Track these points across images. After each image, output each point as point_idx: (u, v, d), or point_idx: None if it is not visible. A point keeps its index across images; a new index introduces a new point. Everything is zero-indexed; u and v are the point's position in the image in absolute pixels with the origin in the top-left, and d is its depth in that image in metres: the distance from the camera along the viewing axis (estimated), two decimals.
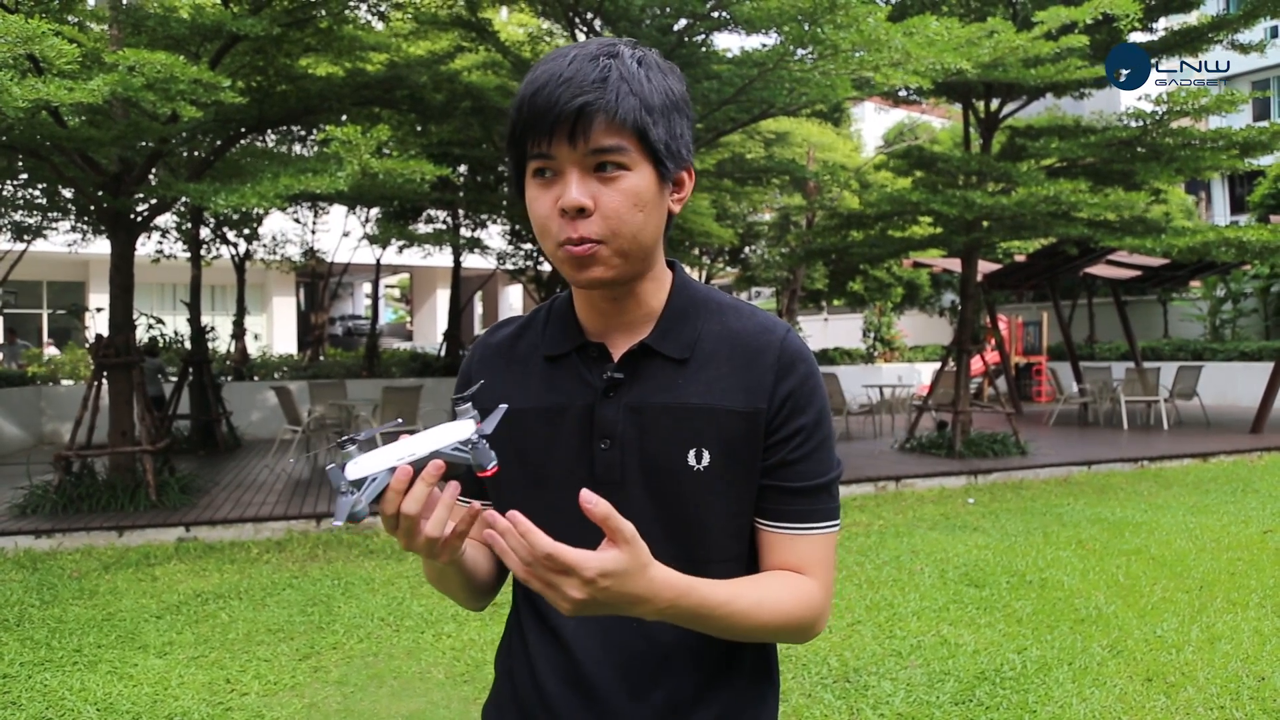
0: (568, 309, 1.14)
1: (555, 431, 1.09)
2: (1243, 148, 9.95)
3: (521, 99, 1.01)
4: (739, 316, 1.11)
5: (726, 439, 1.05)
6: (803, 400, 1.07)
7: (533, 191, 1.02)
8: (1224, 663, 4.22)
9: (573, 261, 1.01)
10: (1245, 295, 20.12)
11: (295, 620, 5.01)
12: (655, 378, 1.07)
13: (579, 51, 1.01)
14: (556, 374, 1.11)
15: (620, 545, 0.90)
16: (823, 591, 1.07)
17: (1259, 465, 10.32)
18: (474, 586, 1.14)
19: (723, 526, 1.07)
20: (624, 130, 0.98)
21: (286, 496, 8.14)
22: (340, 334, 32.32)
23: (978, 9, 9.85)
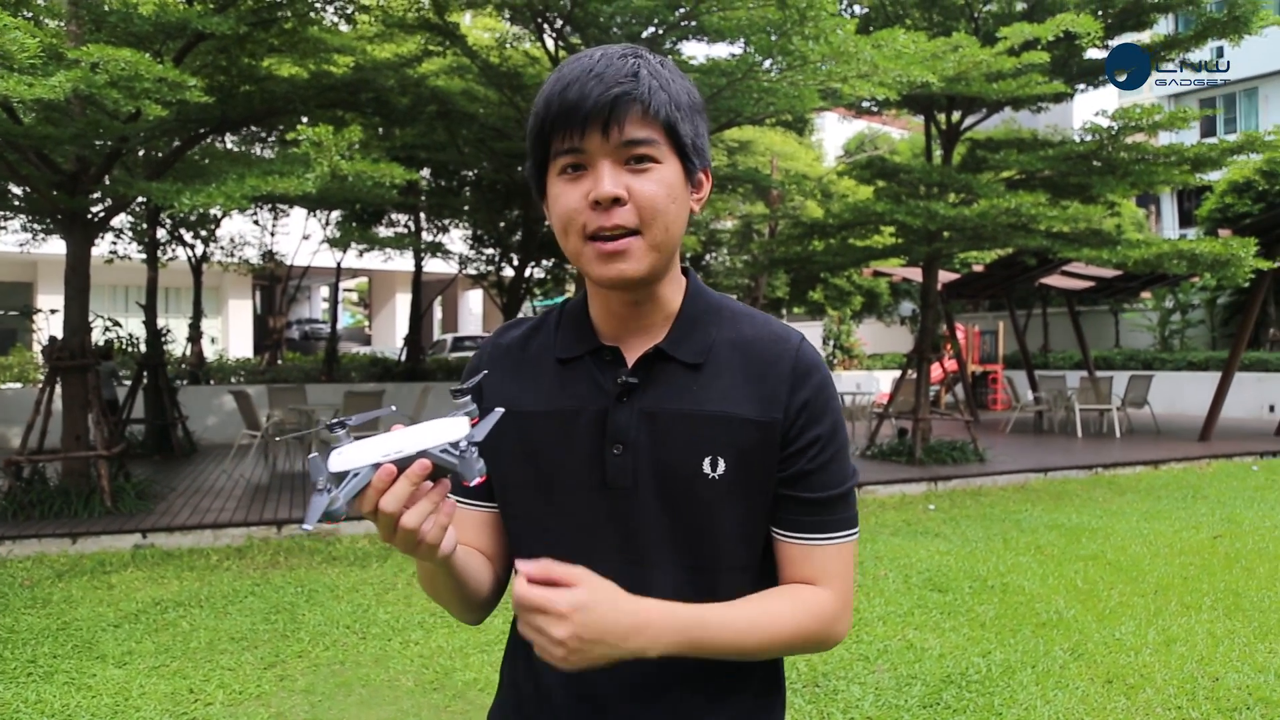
0: (581, 312, 1.14)
1: (567, 435, 1.08)
2: (1194, 163, 10.24)
3: (549, 95, 1.01)
4: (752, 324, 1.11)
5: (741, 447, 1.04)
6: (818, 410, 1.07)
7: (558, 188, 1.02)
8: (1180, 664, 4.33)
9: (602, 257, 1.01)
10: (1193, 306, 20.67)
11: (259, 628, 4.93)
12: (669, 383, 1.07)
13: (605, 52, 1.03)
14: (569, 377, 1.10)
15: (574, 583, 0.92)
16: (838, 600, 1.08)
17: (1207, 472, 10.60)
18: (468, 596, 1.10)
19: (734, 534, 1.06)
20: (655, 123, 0.99)
21: (246, 502, 8.01)
22: (297, 338, 31.87)
23: (940, 23, 10.03)
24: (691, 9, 6.82)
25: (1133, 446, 12.31)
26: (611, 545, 1.06)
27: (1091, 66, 10.82)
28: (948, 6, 10.04)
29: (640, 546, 1.06)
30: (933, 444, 10.84)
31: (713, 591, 1.05)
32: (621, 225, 0.99)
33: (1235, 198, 19.01)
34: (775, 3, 6.36)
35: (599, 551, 1.06)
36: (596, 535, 1.07)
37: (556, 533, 1.08)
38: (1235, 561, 6.33)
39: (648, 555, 1.06)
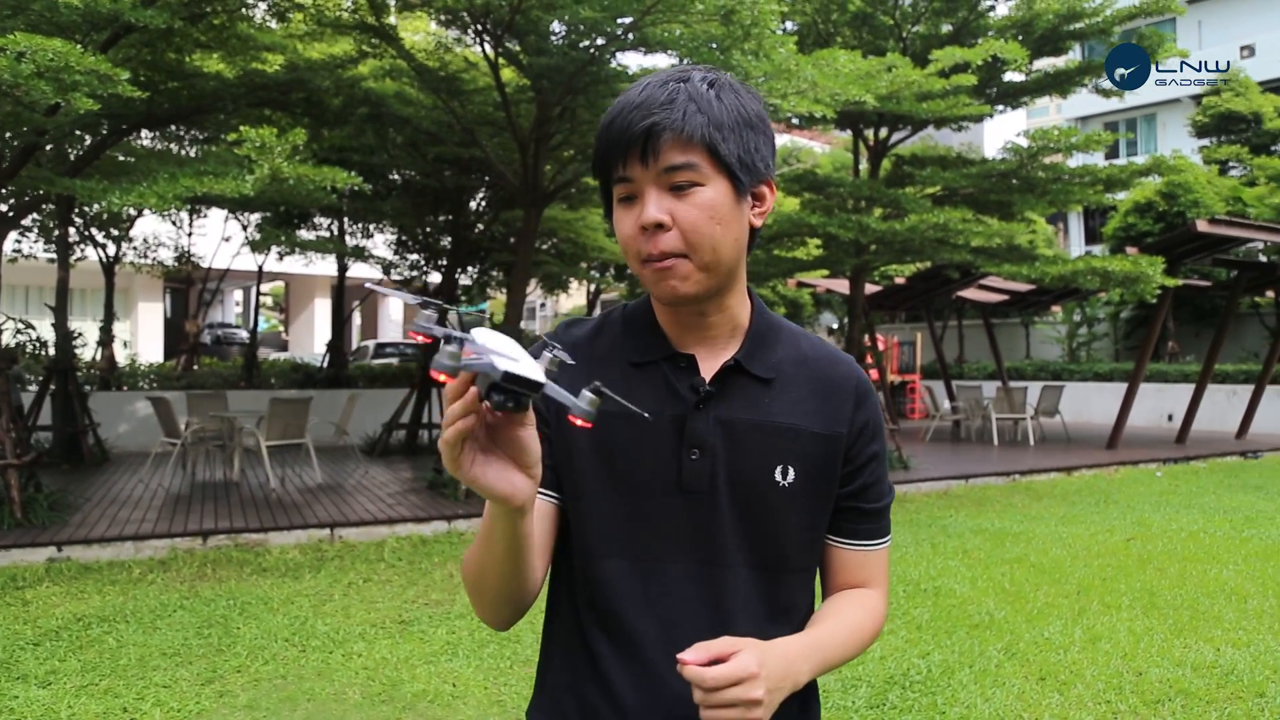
0: (649, 317, 1.17)
1: (641, 438, 1.10)
2: (1106, 183, 10.76)
3: (602, 128, 1.07)
4: (809, 342, 1.19)
5: (808, 458, 1.12)
6: (874, 428, 1.17)
7: (618, 215, 1.08)
8: (1106, 660, 4.54)
9: (656, 276, 1.05)
10: (1098, 320, 21.64)
11: (191, 643, 4.76)
12: (742, 395, 1.12)
13: (651, 80, 1.07)
14: (641, 380, 1.13)
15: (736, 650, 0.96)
16: (885, 599, 1.21)
17: (1116, 478, 11.11)
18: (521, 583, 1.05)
19: (799, 540, 1.14)
20: (693, 146, 1.02)
21: (168, 512, 7.73)
22: (209, 343, 30.82)
23: (870, 42, 10.31)
24: (636, 21, 6.87)
25: (1046, 454, 12.82)
26: (685, 546, 1.10)
27: (1010, 89, 11.28)
28: (878, 26, 10.34)
29: (714, 548, 1.10)
30: None
31: (777, 593, 1.13)
32: (668, 250, 1.03)
33: (1138, 217, 19.99)
34: (719, 18, 6.48)
35: (673, 552, 1.10)
36: (671, 536, 1.10)
37: (630, 532, 1.11)
38: (1148, 562, 6.65)
39: (722, 556, 1.10)
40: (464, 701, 4.02)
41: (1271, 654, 4.62)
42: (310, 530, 7.31)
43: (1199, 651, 4.66)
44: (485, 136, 9.77)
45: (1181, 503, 9.29)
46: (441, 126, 10.36)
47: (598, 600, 1.12)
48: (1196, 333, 20.49)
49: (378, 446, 12.67)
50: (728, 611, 1.10)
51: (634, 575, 1.10)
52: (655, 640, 1.09)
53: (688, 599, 1.10)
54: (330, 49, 10.91)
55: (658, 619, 1.09)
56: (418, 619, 5.24)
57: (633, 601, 1.10)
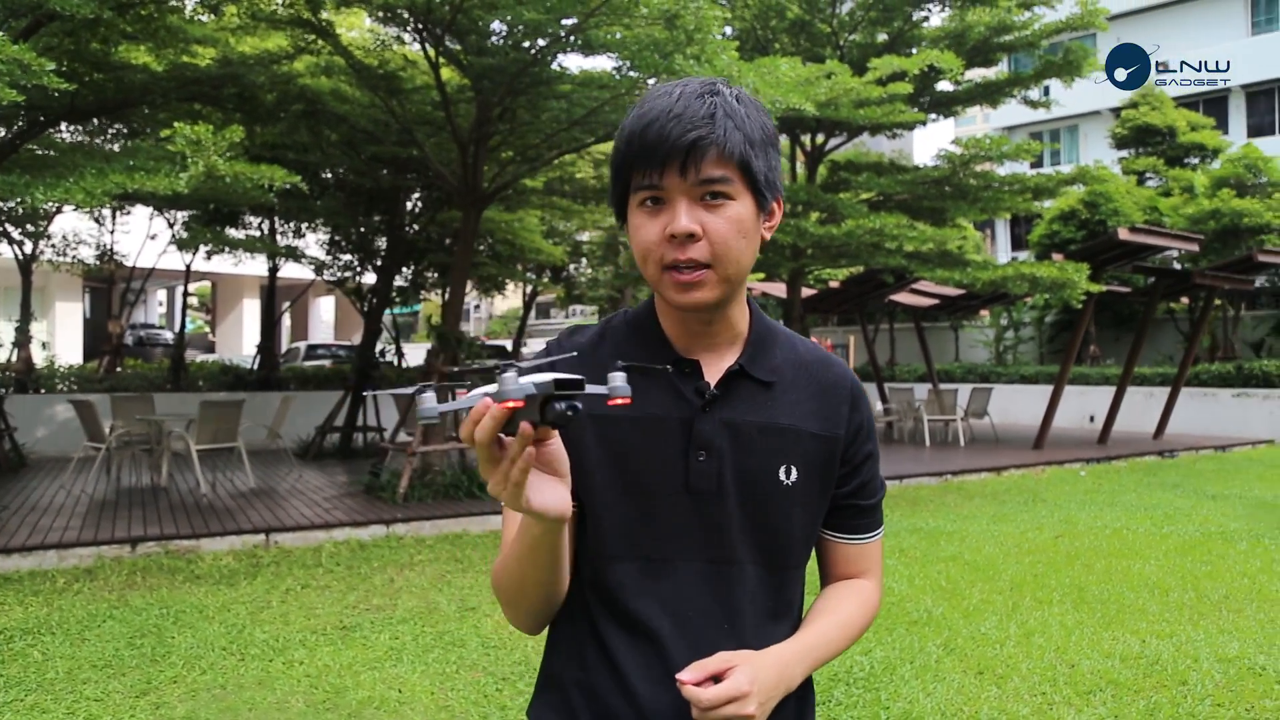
0: (653, 323, 1.20)
1: (649, 440, 1.14)
2: (1035, 191, 11.12)
3: (631, 133, 1.08)
4: (806, 347, 1.25)
5: (809, 458, 1.17)
6: (868, 429, 1.24)
7: (638, 219, 1.10)
8: (1040, 654, 4.68)
9: (679, 286, 1.08)
10: (1024, 324, 22.32)
11: (123, 654, 4.60)
12: (746, 398, 1.16)
13: (684, 89, 1.09)
14: (648, 386, 1.15)
15: (731, 666, 1.04)
16: (879, 587, 1.29)
17: (1043, 478, 11.47)
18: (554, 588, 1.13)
19: (801, 536, 1.19)
20: (730, 162, 1.06)
21: (93, 520, 7.45)
22: (131, 344, 29.82)
23: (808, 49, 10.48)
24: (580, 23, 6.86)
25: (976, 454, 13.16)
26: (695, 545, 1.14)
27: (943, 98, 11.57)
28: (815, 34, 10.52)
29: (722, 546, 1.14)
30: None
31: (780, 588, 1.19)
32: (695, 259, 1.07)
33: (1062, 224, 20.67)
34: (663, 23, 6.51)
35: (683, 551, 1.14)
36: (680, 536, 1.14)
37: (642, 533, 1.14)
38: (1076, 559, 6.88)
39: (730, 554, 1.15)
40: (411, 708, 3.97)
41: (1192, 644, 4.82)
42: (244, 536, 7.13)
43: (1126, 643, 4.84)
44: (423, 136, 9.65)
45: (1105, 501, 9.63)
46: (378, 125, 10.21)
47: (613, 598, 1.14)
48: (1116, 337, 21.28)
49: (311, 450, 12.41)
50: (736, 607, 1.14)
51: (646, 574, 1.13)
52: (670, 635, 1.12)
53: (699, 596, 1.14)
54: (263, 44, 10.67)
55: (671, 616, 1.13)
56: (359, 625, 5.15)
57: (646, 600, 1.13)
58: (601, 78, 8.13)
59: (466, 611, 5.42)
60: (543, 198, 15.12)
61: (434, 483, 8.76)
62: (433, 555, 6.92)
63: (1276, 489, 10.45)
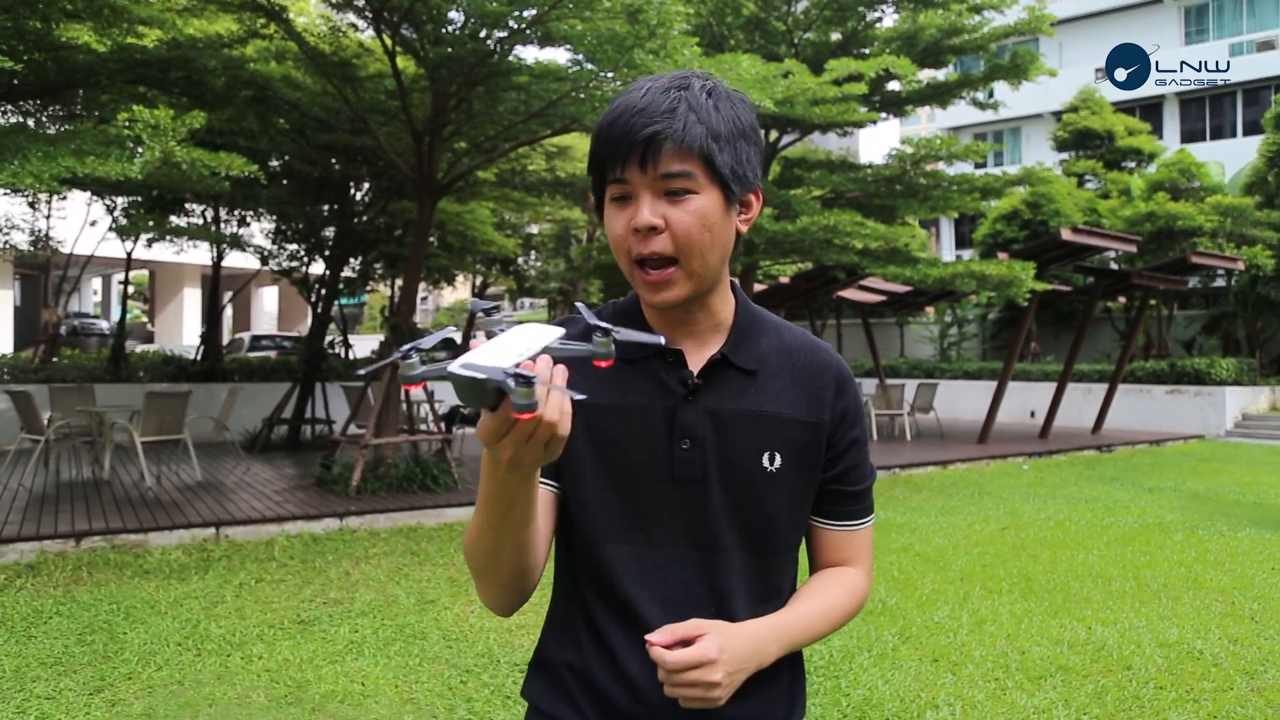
0: (636, 315, 1.22)
1: (634, 429, 1.15)
2: (983, 191, 11.37)
3: (600, 129, 1.10)
4: (791, 334, 1.25)
5: (794, 445, 1.17)
6: (854, 414, 1.24)
7: (610, 213, 1.12)
8: (992, 642, 4.82)
9: (648, 286, 1.11)
10: (969, 321, 22.79)
11: (73, 651, 4.49)
12: (729, 386, 1.17)
13: (653, 84, 1.10)
14: (632, 375, 1.17)
15: (701, 633, 1.05)
16: (867, 575, 1.28)
17: (988, 471, 11.75)
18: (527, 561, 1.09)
19: (788, 522, 1.20)
20: (691, 156, 1.06)
21: (34, 514, 7.23)
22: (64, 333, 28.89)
23: (763, 46, 10.57)
24: (541, 15, 6.83)
25: (922, 448, 13.43)
26: (680, 532, 1.15)
27: (894, 98, 11.76)
28: (770, 32, 10.61)
29: (708, 533, 1.15)
30: None
31: (768, 572, 1.19)
32: (659, 252, 1.08)
33: (1005, 224, 21.16)
34: (625, 16, 6.52)
35: (669, 537, 1.15)
36: (666, 523, 1.15)
37: (628, 518, 1.15)
38: (1022, 550, 7.08)
39: (716, 540, 1.16)
40: (375, 701, 3.94)
41: (1135, 630, 5.01)
42: (194, 530, 6.98)
43: (1073, 630, 5.01)
44: (376, 124, 9.52)
45: (1048, 493, 9.91)
46: (330, 113, 10.04)
47: (605, 584, 1.16)
48: (1056, 334, 21.86)
49: (259, 442, 12.18)
50: (725, 592, 1.15)
51: (636, 559, 1.14)
52: (660, 619, 1.12)
53: (688, 581, 1.15)
54: (210, 26, 10.41)
55: (661, 600, 1.14)
56: (318, 618, 5.09)
57: (637, 584, 1.14)
58: (558, 70, 8.10)
59: (426, 604, 5.39)
60: (495, 189, 15.01)
61: (386, 475, 8.67)
62: (388, 548, 6.86)
63: (1208, 482, 10.85)
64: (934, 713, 3.88)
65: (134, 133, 5.19)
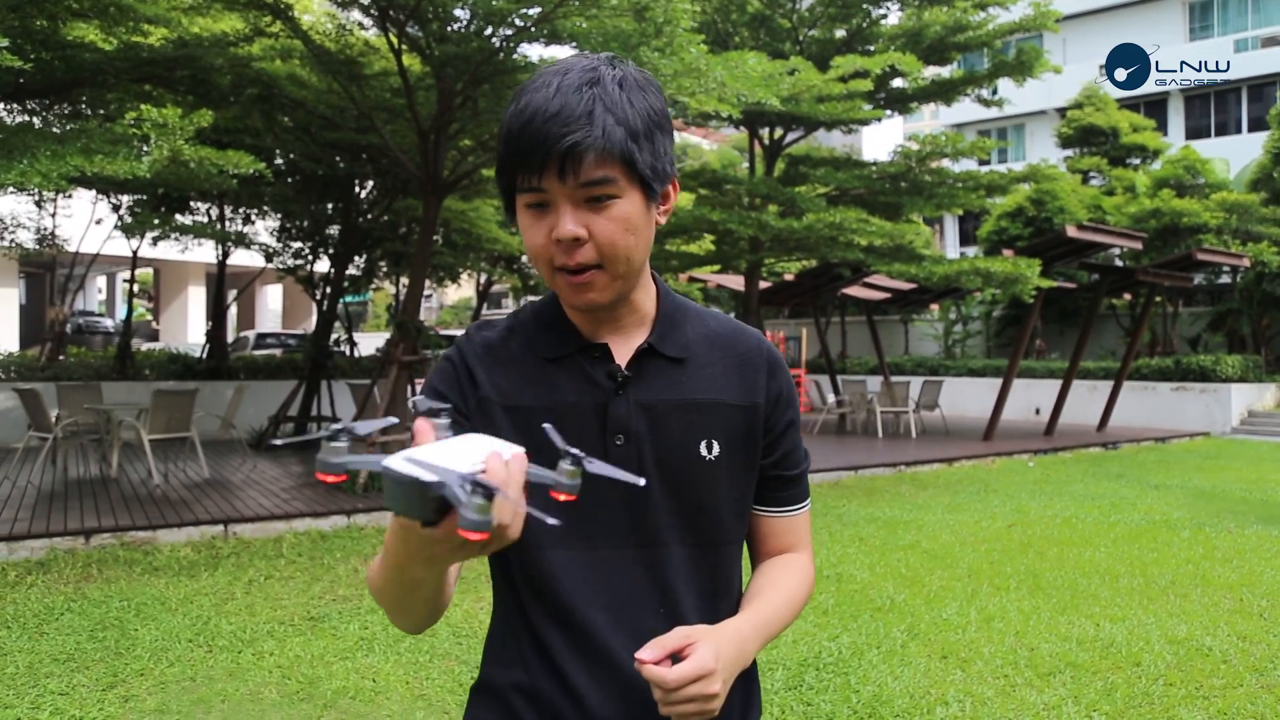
0: (558, 312, 1.17)
1: (565, 428, 1.07)
2: (987, 188, 11.36)
3: (509, 132, 1.03)
4: (716, 320, 1.22)
5: (730, 431, 1.15)
6: (788, 397, 1.21)
7: (526, 220, 1.06)
8: (1000, 638, 4.83)
9: (571, 288, 1.07)
10: (973, 318, 22.77)
11: (85, 647, 4.51)
12: (659, 376, 1.14)
13: (563, 80, 1.03)
14: (559, 374, 1.13)
15: (692, 642, 1.01)
16: (811, 559, 1.27)
17: (994, 469, 11.75)
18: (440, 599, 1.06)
19: (730, 511, 1.17)
20: (612, 161, 1.01)
21: (43, 511, 7.25)
22: (70, 331, 28.95)
23: (768, 43, 10.56)
24: (547, 13, 6.84)
25: (928, 446, 13.43)
26: (623, 531, 1.12)
27: (899, 95, 11.75)
28: (775, 29, 10.61)
29: (649, 529, 1.12)
30: None
31: (715, 566, 1.16)
32: (583, 262, 1.04)
33: (1009, 221, 21.13)
34: (632, 14, 6.52)
35: (610, 537, 1.11)
36: (606, 522, 1.11)
37: (567, 521, 1.09)
38: (1029, 547, 7.09)
39: (659, 536, 1.12)
40: (386, 697, 3.96)
41: (1144, 627, 5.01)
42: (202, 527, 7.00)
43: (1081, 627, 5.01)
44: (381, 122, 9.53)
45: (1054, 490, 9.91)
46: (335, 111, 10.06)
47: (545, 593, 1.11)
48: (1061, 331, 21.84)
49: (265, 440, 12.20)
50: (672, 590, 1.12)
51: (576, 564, 1.10)
52: (605, 626, 1.09)
53: (632, 582, 1.11)
54: (215, 25, 10.43)
55: (605, 606, 1.10)
56: (327, 615, 5.11)
57: (579, 590, 1.10)
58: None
59: None
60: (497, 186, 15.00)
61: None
62: None
63: (1214, 479, 10.85)
64: (944, 709, 3.89)
65: (142, 131, 5.21)
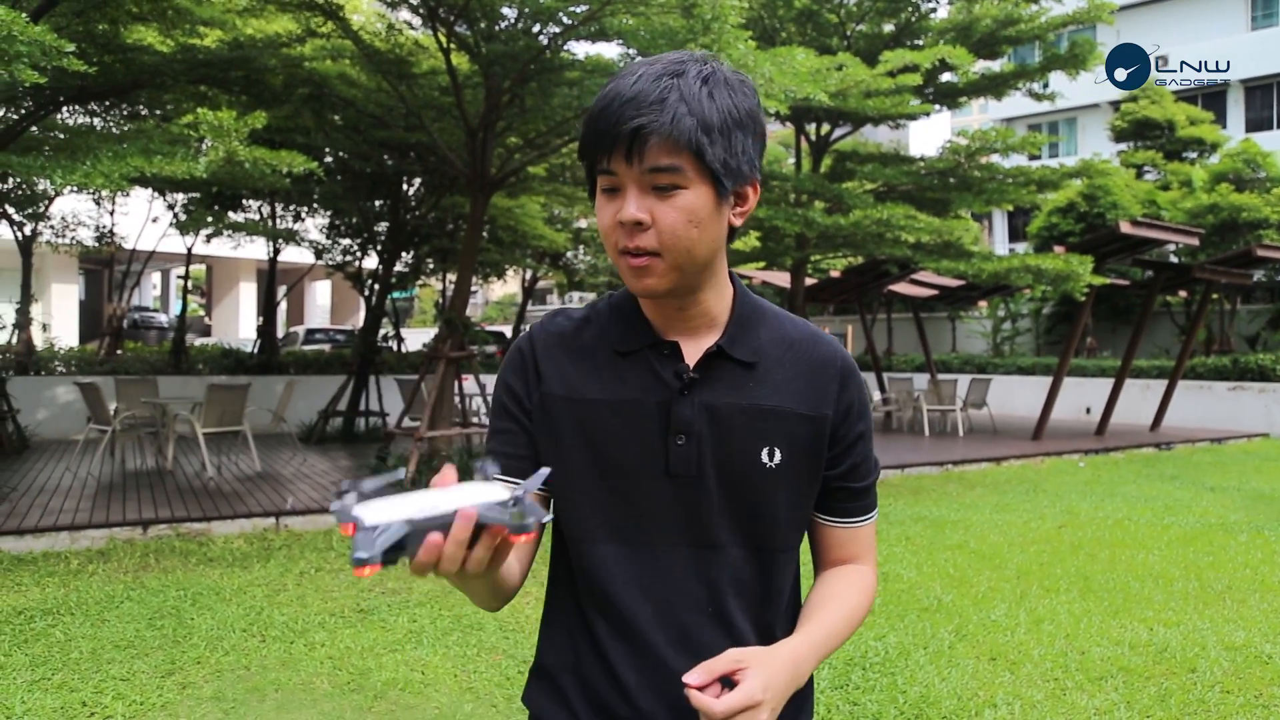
0: (633, 307, 1.17)
1: (628, 424, 1.12)
2: (1038, 184, 11.16)
3: (590, 115, 1.06)
4: (794, 325, 1.20)
5: (795, 439, 1.13)
6: (860, 408, 1.18)
7: (599, 202, 1.08)
8: (1051, 641, 4.76)
9: (631, 271, 1.07)
10: (1022, 316, 22.39)
11: (145, 635, 4.64)
12: (726, 379, 1.13)
13: (645, 70, 1.04)
14: (627, 368, 1.14)
15: (743, 668, 1.00)
16: (874, 571, 1.24)
17: (1043, 468, 11.56)
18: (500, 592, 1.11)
19: (788, 519, 1.16)
20: (679, 150, 1.01)
21: (103, 501, 7.47)
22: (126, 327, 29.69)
23: (815, 39, 10.48)
24: (596, 10, 6.86)
25: (975, 444, 13.24)
26: (676, 530, 1.12)
27: (948, 89, 11.59)
28: (823, 24, 10.52)
29: (705, 530, 1.12)
30: None
31: (770, 570, 1.15)
32: (644, 247, 1.04)
33: (1060, 217, 20.73)
34: (680, 11, 6.52)
35: (664, 536, 1.12)
36: (661, 521, 1.12)
37: (621, 517, 1.12)
38: (1080, 549, 6.96)
39: (713, 538, 1.12)
40: (435, 689, 4.02)
41: (1199, 632, 4.90)
42: (254, 519, 7.16)
43: (1134, 631, 4.92)
44: (429, 121, 9.64)
45: (1105, 491, 9.72)
46: (385, 109, 10.19)
47: (594, 584, 1.13)
48: (1113, 329, 21.38)
49: (314, 434, 12.43)
50: (721, 592, 1.12)
51: (627, 559, 1.11)
52: (652, 621, 1.11)
53: (682, 581, 1.11)
54: (268, 26, 10.62)
55: (653, 601, 1.11)
56: (377, 607, 5.19)
57: (627, 585, 1.11)
58: (610, 65, 8.14)
59: None
60: (546, 184, 15.10)
61: (440, 467, 8.78)
62: None
63: (1273, 481, 10.55)
64: (992, 711, 3.85)
65: (199, 134, 5.33)
